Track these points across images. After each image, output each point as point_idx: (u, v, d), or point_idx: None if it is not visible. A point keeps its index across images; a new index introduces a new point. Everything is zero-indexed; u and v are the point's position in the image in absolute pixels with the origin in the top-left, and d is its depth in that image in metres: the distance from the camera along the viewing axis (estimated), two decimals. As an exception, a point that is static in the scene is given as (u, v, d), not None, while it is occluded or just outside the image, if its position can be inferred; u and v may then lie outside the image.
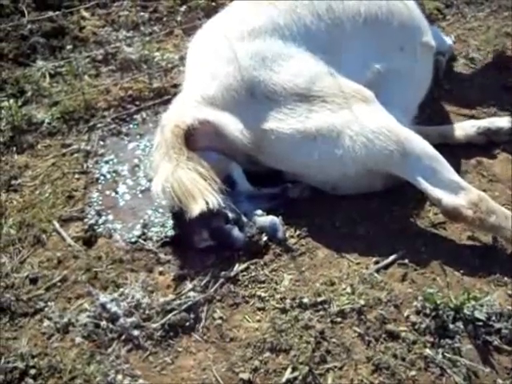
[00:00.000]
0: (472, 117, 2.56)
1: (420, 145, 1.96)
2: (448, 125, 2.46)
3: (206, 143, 2.05)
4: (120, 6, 3.37)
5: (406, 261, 1.90)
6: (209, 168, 1.92)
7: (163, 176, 1.88)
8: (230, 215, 1.90)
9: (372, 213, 2.06)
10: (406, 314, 1.74)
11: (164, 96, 2.69)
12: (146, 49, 2.95)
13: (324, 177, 2.07)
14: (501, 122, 2.42)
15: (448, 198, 1.89)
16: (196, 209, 1.80)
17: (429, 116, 2.53)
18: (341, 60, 2.15)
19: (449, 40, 3.04)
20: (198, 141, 2.02)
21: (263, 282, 1.84)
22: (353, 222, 2.04)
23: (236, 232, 1.89)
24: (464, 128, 2.41)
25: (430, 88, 2.48)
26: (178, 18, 3.27)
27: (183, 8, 3.34)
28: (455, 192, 1.90)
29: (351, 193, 2.09)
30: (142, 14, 3.29)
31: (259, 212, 1.99)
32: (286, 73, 2.07)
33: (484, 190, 2.15)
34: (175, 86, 2.73)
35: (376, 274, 1.85)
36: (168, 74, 2.85)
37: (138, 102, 2.69)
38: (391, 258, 1.90)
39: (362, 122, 1.98)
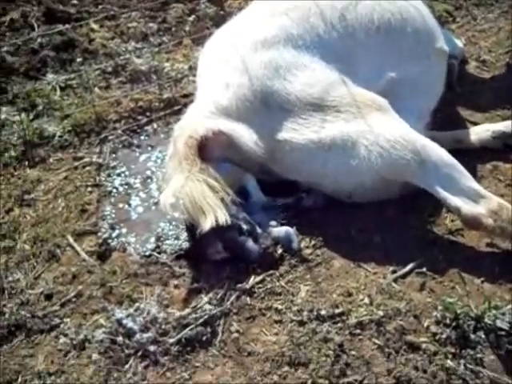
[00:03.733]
0: (486, 120, 2.53)
1: (437, 153, 1.93)
2: (462, 129, 2.43)
3: (219, 154, 2.04)
4: (128, 18, 3.38)
5: (424, 269, 1.87)
6: (221, 180, 1.91)
7: (173, 189, 1.87)
8: (244, 227, 1.89)
9: (388, 221, 2.04)
10: (425, 325, 1.71)
11: (174, 106, 2.69)
12: (156, 59, 2.95)
13: (339, 186, 2.04)
14: (516, 125, 2.38)
15: (467, 207, 1.86)
16: (206, 224, 1.79)
17: (442, 121, 2.50)
18: (354, 69, 2.13)
19: (460, 43, 3.01)
20: (211, 151, 2.01)
21: (279, 293, 1.82)
22: (369, 230, 2.01)
23: (250, 243, 1.88)
24: (478, 132, 2.38)
25: (443, 92, 2.45)
26: (187, 28, 3.26)
27: (192, 18, 3.34)
28: (475, 200, 1.87)
29: (367, 201, 2.06)
30: (150, 24, 3.29)
31: (274, 223, 1.97)
32: (300, 82, 2.05)
33: (501, 196, 2.12)
34: (185, 96, 2.72)
35: (394, 284, 1.82)
36: (178, 85, 2.84)
37: (148, 113, 2.69)
38: (409, 266, 1.88)
39: (377, 132, 1.96)
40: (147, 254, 2.01)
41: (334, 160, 1.99)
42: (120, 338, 1.71)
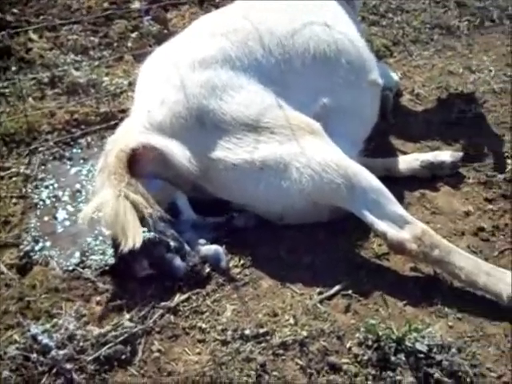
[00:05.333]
0: (416, 150, 2.63)
1: (367, 178, 1.98)
2: (393, 158, 2.50)
3: (151, 169, 2.01)
4: (69, 30, 3.33)
5: (350, 292, 1.89)
6: (150, 196, 1.87)
7: (96, 203, 1.82)
8: (172, 244, 1.86)
9: (317, 243, 2.06)
10: (348, 346, 1.72)
11: (111, 121, 2.64)
12: (95, 73, 2.91)
13: (270, 207, 2.05)
14: (443, 156, 2.48)
15: (393, 232, 1.90)
16: (126, 244, 1.74)
17: (375, 149, 2.58)
18: (290, 93, 2.17)
19: (395, 76, 3.13)
20: (142, 167, 1.98)
21: (204, 312, 1.79)
22: (298, 252, 2.02)
23: (178, 261, 1.85)
24: (408, 161, 2.46)
25: (376, 122, 2.53)
26: (129, 44, 3.24)
27: (134, 34, 3.32)
28: (400, 226, 1.92)
29: (298, 223, 2.08)
30: (91, 38, 3.26)
31: (203, 241, 1.95)
32: (236, 103, 2.07)
33: (427, 223, 2.18)
34: (123, 111, 2.69)
35: (319, 305, 1.83)
36: (116, 99, 2.81)
37: (83, 126, 2.63)
38: (335, 288, 1.89)
39: (309, 155, 1.99)
40: (70, 268, 1.94)
41: (265, 181, 2.00)
42: (34, 355, 1.63)
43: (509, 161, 2.61)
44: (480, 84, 3.21)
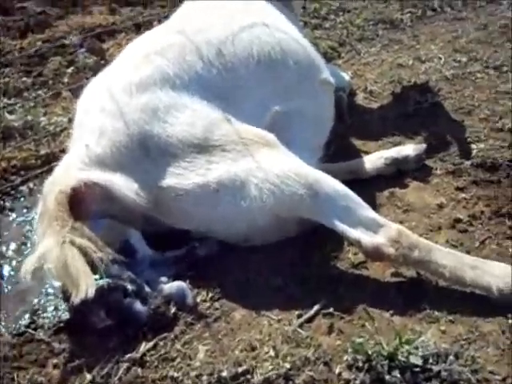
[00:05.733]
0: (379, 148, 2.51)
1: (330, 185, 1.84)
2: (356, 159, 2.38)
3: (96, 208, 1.83)
4: (1, 74, 3.14)
5: (331, 310, 1.73)
6: (99, 238, 1.69)
7: (39, 254, 1.63)
8: (130, 287, 1.67)
9: (288, 262, 1.90)
10: (337, 372, 1.56)
11: (53, 162, 2.44)
12: (31, 114, 2.73)
13: (233, 230, 1.89)
14: (406, 150, 2.37)
15: (367, 238, 1.76)
16: (78, 295, 1.56)
17: (336, 153, 2.45)
18: (237, 105, 2.03)
19: (346, 76, 3.04)
20: (86, 207, 1.80)
21: (175, 359, 1.60)
22: (268, 274, 1.86)
23: (138, 305, 1.66)
24: (372, 160, 2.34)
25: (334, 125, 2.41)
26: (65, 80, 3.07)
27: (70, 69, 3.16)
28: (374, 230, 1.78)
29: (264, 242, 1.92)
30: (24, 79, 3.07)
31: (164, 279, 1.77)
32: (181, 124, 1.91)
33: (401, 222, 2.06)
34: (64, 151, 2.49)
35: (300, 330, 1.67)
36: (57, 139, 2.63)
37: (23, 173, 2.44)
38: (314, 308, 1.73)
39: (266, 168, 1.84)
40: (21, 331, 1.73)
41: (223, 203, 1.84)
42: None
43: (473, 146, 2.52)
44: (432, 73, 3.15)
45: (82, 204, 1.78)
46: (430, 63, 3.28)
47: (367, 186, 2.27)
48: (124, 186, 1.83)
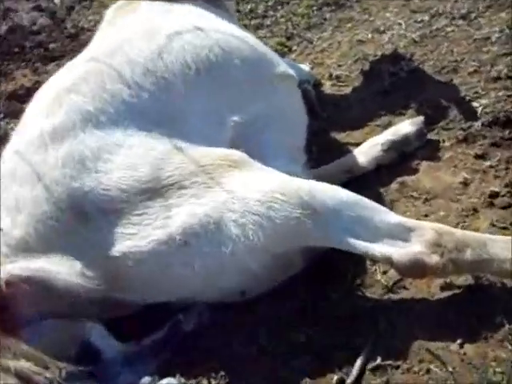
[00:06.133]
0: (367, 136, 2.08)
1: (330, 194, 1.38)
2: (347, 155, 1.94)
3: (32, 309, 1.34)
4: None
5: (379, 361, 1.27)
6: (40, 353, 1.20)
7: None
8: (100, 409, 1.19)
9: (301, 308, 1.43)
10: None
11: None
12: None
13: (222, 288, 1.42)
14: (403, 128, 1.95)
15: (398, 251, 1.30)
16: None
17: (321, 154, 2.02)
18: (186, 127, 1.57)
19: (306, 67, 2.63)
20: (17, 312, 1.31)
21: None
22: (283, 332, 1.38)
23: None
24: (366, 151, 1.90)
25: (308, 123, 1.97)
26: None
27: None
28: (403, 238, 1.32)
29: (267, 289, 1.45)
30: None
31: (147, 379, 1.29)
32: (119, 168, 1.45)
33: (425, 216, 1.63)
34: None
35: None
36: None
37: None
38: (357, 365, 1.27)
39: (242, 196, 1.38)
40: None
41: (199, 257, 1.36)
42: None
43: (475, 103, 2.11)
44: (397, 40, 2.75)
45: (9, 310, 1.29)
46: (390, 31, 2.88)
47: (368, 182, 1.84)
48: (62, 270, 1.35)
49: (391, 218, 1.36)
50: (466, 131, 1.95)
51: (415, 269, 1.29)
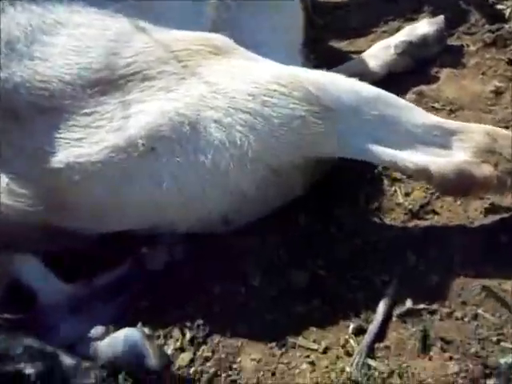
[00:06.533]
0: (371, 42, 1.73)
1: (346, 87, 1.04)
2: (354, 59, 1.59)
3: None
4: None
5: (409, 304, 0.96)
6: None
7: None
8: (30, 371, 0.85)
9: (303, 242, 1.10)
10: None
11: None
12: None
13: (199, 212, 1.07)
14: (421, 27, 1.60)
15: (438, 162, 0.97)
16: None
17: (318, 62, 1.66)
18: (154, 5, 1.19)
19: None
20: None
21: None
22: (281, 272, 1.06)
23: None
24: (377, 55, 1.56)
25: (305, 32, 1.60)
26: None
27: None
28: (444, 144, 0.99)
29: (257, 216, 1.11)
30: None
31: (98, 330, 0.95)
32: (61, 54, 1.09)
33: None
34: None
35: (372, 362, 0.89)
36: None
37: None
38: (380, 309, 0.95)
39: (228, 89, 1.03)
40: None
41: (169, 169, 1.02)
42: None
43: (500, 6, 1.76)
44: None
45: None
46: None
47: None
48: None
49: (426, 118, 1.02)
50: (494, 33, 1.61)
51: (460, 184, 0.96)
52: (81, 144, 1.04)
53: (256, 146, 1.00)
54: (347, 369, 0.86)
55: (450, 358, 0.86)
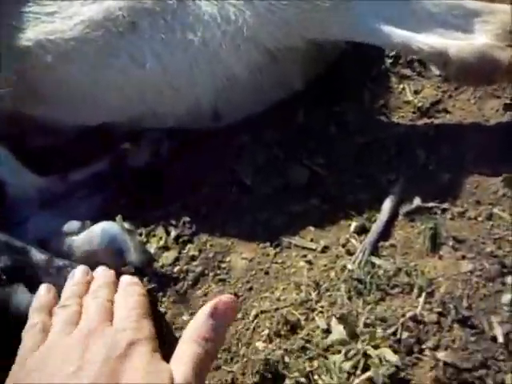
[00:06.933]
0: None
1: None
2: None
3: None
4: None
5: (418, 201, 0.87)
6: None
7: None
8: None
9: (301, 138, 1.00)
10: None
11: None
12: None
13: (186, 100, 0.96)
14: None
15: (457, 44, 0.86)
16: None
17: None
18: None
19: None
20: None
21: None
22: (277, 170, 0.96)
23: (23, 296, 0.76)
24: None
25: None
26: None
27: None
28: (464, 26, 0.87)
29: (252, 111, 1.00)
30: None
31: (73, 224, 0.86)
32: None
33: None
34: None
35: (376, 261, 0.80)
36: None
37: None
38: (386, 206, 0.86)
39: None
40: None
41: (153, 48, 0.90)
42: None
43: None
44: None
45: None
46: None
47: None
48: None
49: (445, -5, 0.90)
50: None
51: (481, 69, 0.85)
52: (52, 19, 0.91)
53: (252, 23, 0.88)
54: (349, 266, 0.78)
55: (463, 257, 0.78)
